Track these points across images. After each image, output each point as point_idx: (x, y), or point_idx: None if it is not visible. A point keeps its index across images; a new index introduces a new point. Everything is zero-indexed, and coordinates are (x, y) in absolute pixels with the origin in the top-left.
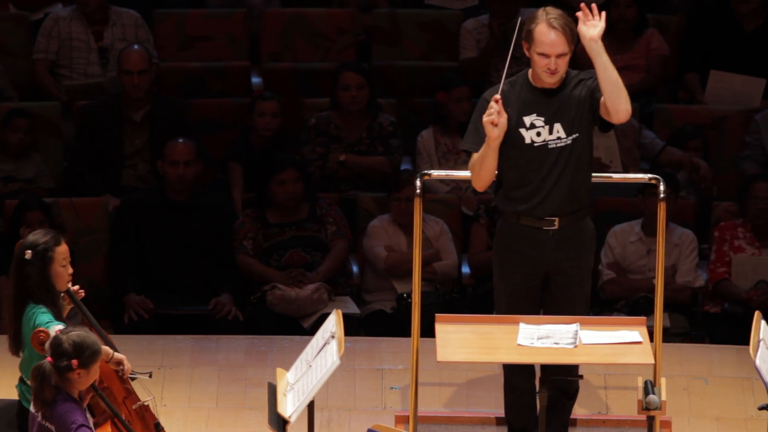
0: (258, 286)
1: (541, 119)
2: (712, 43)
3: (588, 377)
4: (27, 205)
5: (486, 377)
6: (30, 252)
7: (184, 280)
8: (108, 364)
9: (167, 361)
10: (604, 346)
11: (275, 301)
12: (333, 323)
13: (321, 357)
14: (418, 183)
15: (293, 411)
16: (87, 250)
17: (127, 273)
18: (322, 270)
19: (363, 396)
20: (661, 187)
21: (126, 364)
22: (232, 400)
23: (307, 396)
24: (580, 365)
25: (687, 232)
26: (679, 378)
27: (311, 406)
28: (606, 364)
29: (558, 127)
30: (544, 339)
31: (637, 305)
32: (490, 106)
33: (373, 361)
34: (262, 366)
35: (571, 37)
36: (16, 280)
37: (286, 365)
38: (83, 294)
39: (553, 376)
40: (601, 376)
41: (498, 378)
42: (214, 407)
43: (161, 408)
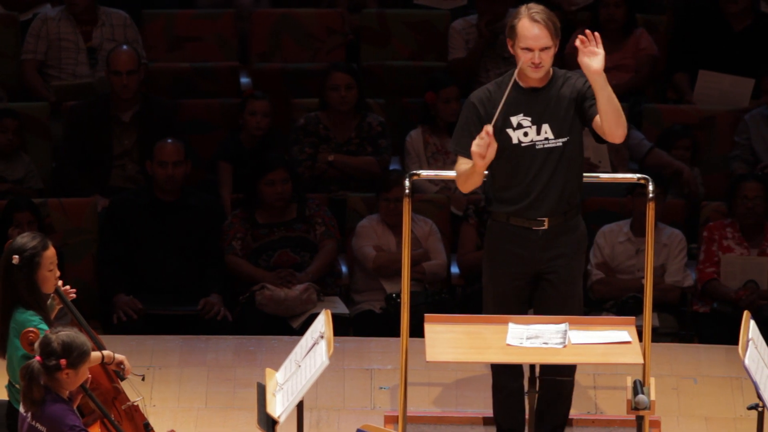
0: (247, 287)
1: (528, 119)
2: (701, 43)
3: (577, 377)
4: (16, 205)
5: (475, 377)
6: (17, 257)
7: (173, 281)
8: (110, 366)
9: (156, 362)
10: (593, 346)
11: (264, 301)
12: (322, 323)
13: (310, 357)
14: (407, 183)
15: (282, 411)
16: (76, 251)
17: (116, 273)
18: (311, 270)
19: (352, 396)
20: (650, 187)
21: (126, 364)
22: (221, 400)
23: (297, 396)
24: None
25: (676, 231)
26: (669, 378)
27: (300, 406)
28: (595, 364)
29: (546, 128)
30: (533, 339)
31: (626, 305)
32: (480, 136)
33: (363, 361)
34: (251, 366)
35: (555, 31)
36: (4, 284)
37: (275, 365)
38: (74, 294)
39: (543, 376)
40: (590, 376)
41: (487, 378)
42: (203, 407)
43: (150, 408)
